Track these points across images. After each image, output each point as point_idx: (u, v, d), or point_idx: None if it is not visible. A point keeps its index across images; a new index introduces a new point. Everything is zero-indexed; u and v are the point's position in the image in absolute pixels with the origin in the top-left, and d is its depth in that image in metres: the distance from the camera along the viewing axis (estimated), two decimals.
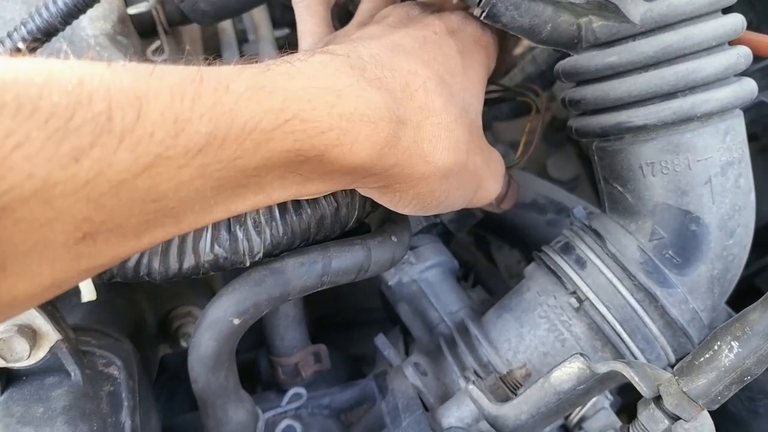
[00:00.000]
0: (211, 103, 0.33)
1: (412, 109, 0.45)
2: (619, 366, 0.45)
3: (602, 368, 0.46)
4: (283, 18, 0.95)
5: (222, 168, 0.34)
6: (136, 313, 0.63)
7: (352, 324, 0.98)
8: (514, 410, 0.49)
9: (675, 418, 0.43)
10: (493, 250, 1.18)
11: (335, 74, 0.41)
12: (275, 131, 0.36)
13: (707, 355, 0.42)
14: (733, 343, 0.41)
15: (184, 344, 0.66)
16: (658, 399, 0.44)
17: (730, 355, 0.41)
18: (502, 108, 1.12)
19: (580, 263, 0.58)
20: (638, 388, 0.44)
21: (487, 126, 1.16)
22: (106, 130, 0.29)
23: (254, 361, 0.75)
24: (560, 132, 1.21)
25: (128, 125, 0.30)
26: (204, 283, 0.69)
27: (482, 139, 0.54)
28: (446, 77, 0.50)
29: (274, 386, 0.69)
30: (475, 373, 0.59)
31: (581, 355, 0.46)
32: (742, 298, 0.94)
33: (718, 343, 0.42)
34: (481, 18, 0.54)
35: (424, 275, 0.69)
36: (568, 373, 0.47)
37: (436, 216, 0.71)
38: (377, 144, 0.41)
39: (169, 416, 0.64)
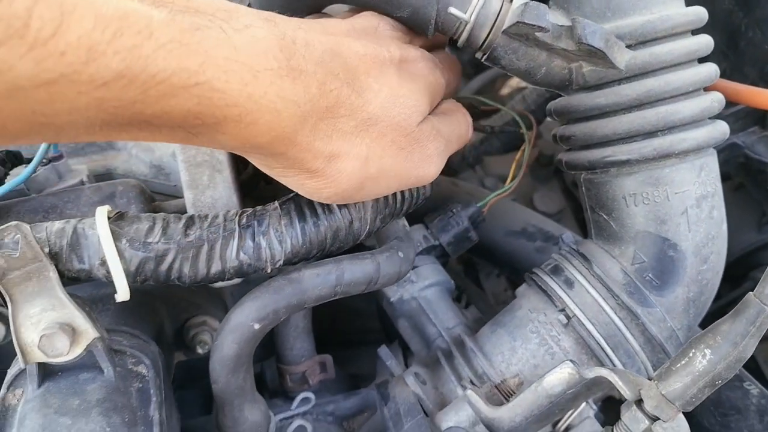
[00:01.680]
0: (130, 45, 0.34)
1: (319, 108, 0.46)
2: (604, 372, 0.50)
3: (589, 374, 0.51)
4: None
5: (119, 106, 0.35)
6: (156, 321, 0.67)
7: (348, 344, 1.02)
8: (509, 413, 0.54)
9: (654, 419, 0.48)
10: (481, 277, 1.23)
11: (262, 54, 0.41)
12: (183, 89, 0.37)
13: (683, 362, 0.48)
14: (706, 350, 0.47)
15: (200, 351, 0.70)
16: (639, 402, 0.49)
17: (703, 362, 0.47)
18: (492, 143, 1.19)
19: (569, 283, 0.64)
20: (621, 392, 0.49)
21: (479, 160, 1.23)
22: (18, 35, 0.30)
23: (260, 373, 0.79)
24: (546, 167, 1.27)
25: (42, 37, 0.31)
26: (218, 295, 0.73)
27: (407, 140, 0.53)
28: (372, 85, 0.50)
29: (281, 395, 0.73)
30: (471, 382, 0.64)
31: (571, 361, 0.51)
32: None
33: (693, 350, 0.47)
34: (483, 60, 0.61)
35: (424, 293, 0.74)
36: (559, 378, 0.52)
37: (435, 238, 0.77)
38: (273, 131, 0.43)
39: None
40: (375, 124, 0.50)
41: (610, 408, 0.72)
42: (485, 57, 0.60)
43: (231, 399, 0.57)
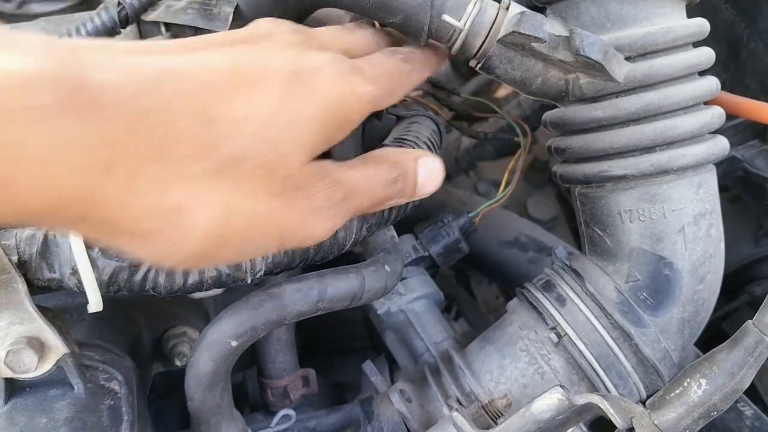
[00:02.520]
0: None
1: (134, 150, 0.34)
2: (595, 398, 0.48)
3: (580, 400, 0.49)
4: None
5: None
6: (133, 331, 0.65)
7: (333, 352, 1.00)
8: None
9: None
10: (472, 284, 1.22)
11: (17, 88, 0.30)
12: None
13: (677, 391, 0.46)
14: (701, 380, 0.45)
15: (178, 363, 0.68)
16: (630, 431, 0.48)
17: (698, 392, 0.45)
18: (486, 148, 1.17)
19: (561, 301, 0.62)
20: (612, 420, 0.47)
21: (472, 165, 1.21)
22: None
23: (241, 383, 0.77)
24: (541, 173, 1.26)
25: None
26: (198, 305, 0.71)
27: (283, 184, 0.41)
28: (236, 111, 0.39)
29: (261, 408, 0.71)
30: (458, 401, 0.62)
31: (561, 387, 0.49)
32: (710, 341, 0.99)
33: (688, 380, 0.46)
34: (477, 69, 0.59)
35: (411, 306, 0.72)
36: (548, 403, 0.50)
37: (424, 249, 0.75)
38: (49, 190, 0.32)
39: None
40: (238, 164, 0.38)
41: (600, 427, 0.70)
42: (479, 66, 0.58)
43: (207, 417, 0.55)
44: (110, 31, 0.55)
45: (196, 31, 0.65)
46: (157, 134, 0.35)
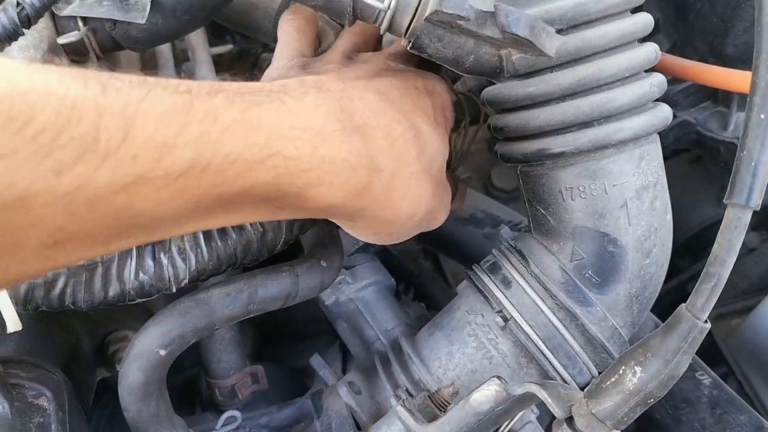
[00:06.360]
0: (197, 132, 0.36)
1: (390, 157, 0.48)
2: (533, 388, 0.47)
3: (518, 390, 0.48)
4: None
5: (201, 193, 0.37)
6: (70, 340, 0.63)
7: (299, 336, 0.99)
8: (437, 431, 0.51)
9: None
10: (441, 258, 1.21)
11: (325, 117, 0.44)
12: (257, 164, 0.39)
13: (613, 379, 0.45)
14: (636, 367, 0.44)
15: (119, 368, 0.67)
16: (570, 419, 0.47)
17: (633, 380, 0.44)
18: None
19: (506, 283, 0.60)
20: (551, 409, 0.46)
21: None
22: (91, 150, 0.32)
23: (196, 379, 0.75)
24: None
25: (112, 147, 0.32)
26: (142, 307, 0.69)
27: (443, 185, 0.58)
28: (422, 128, 0.53)
29: (213, 406, 0.69)
30: (407, 391, 0.61)
31: (498, 378, 0.48)
32: (676, 304, 0.98)
33: (623, 367, 0.44)
34: (408, 48, 0.56)
35: (361, 294, 0.70)
36: (486, 395, 0.48)
37: None
38: (352, 188, 0.45)
39: None
40: (432, 165, 0.53)
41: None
42: (410, 45, 0.55)
43: (145, 427, 0.53)
44: (12, 34, 0.52)
45: (114, 24, 0.62)
46: (400, 143, 0.49)
